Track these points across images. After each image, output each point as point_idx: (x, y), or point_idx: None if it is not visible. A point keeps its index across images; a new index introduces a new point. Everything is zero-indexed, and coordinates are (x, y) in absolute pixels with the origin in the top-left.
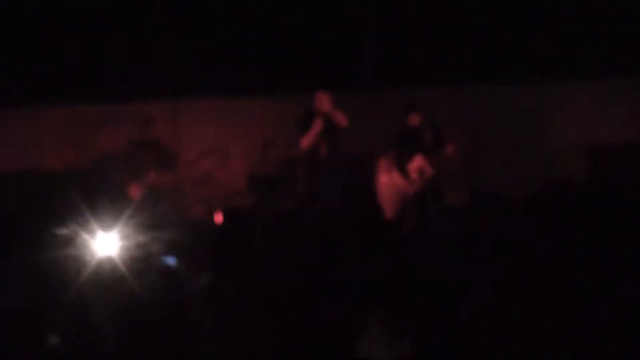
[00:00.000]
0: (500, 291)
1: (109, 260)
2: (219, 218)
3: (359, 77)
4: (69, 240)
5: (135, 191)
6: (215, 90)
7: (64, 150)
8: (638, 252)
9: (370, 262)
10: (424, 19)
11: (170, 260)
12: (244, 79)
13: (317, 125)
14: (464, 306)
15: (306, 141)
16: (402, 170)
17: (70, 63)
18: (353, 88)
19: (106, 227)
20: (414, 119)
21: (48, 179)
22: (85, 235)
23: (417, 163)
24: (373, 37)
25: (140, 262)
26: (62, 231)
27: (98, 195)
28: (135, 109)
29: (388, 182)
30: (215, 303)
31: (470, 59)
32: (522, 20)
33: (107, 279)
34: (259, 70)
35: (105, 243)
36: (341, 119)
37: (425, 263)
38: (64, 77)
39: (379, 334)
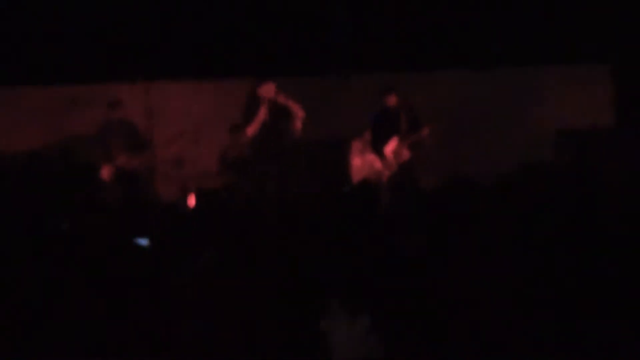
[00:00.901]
0: (473, 274)
1: (82, 241)
2: (191, 200)
3: (333, 61)
4: (41, 222)
5: (106, 173)
6: (187, 72)
7: (35, 131)
8: (608, 235)
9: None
10: (397, 2)
11: (142, 242)
12: (217, 61)
13: (262, 114)
14: (437, 289)
15: (251, 129)
16: (378, 152)
17: (42, 44)
18: (326, 72)
19: (77, 209)
20: (390, 102)
21: (18, 160)
22: (57, 218)
23: (392, 146)
24: (346, 21)
25: (113, 243)
26: (33, 213)
27: (69, 177)
28: (107, 91)
29: (362, 164)
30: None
31: (445, 43)
32: (497, 4)
33: (81, 260)
34: (232, 53)
35: (78, 225)
36: (294, 107)
37: (399, 245)
38: (36, 57)
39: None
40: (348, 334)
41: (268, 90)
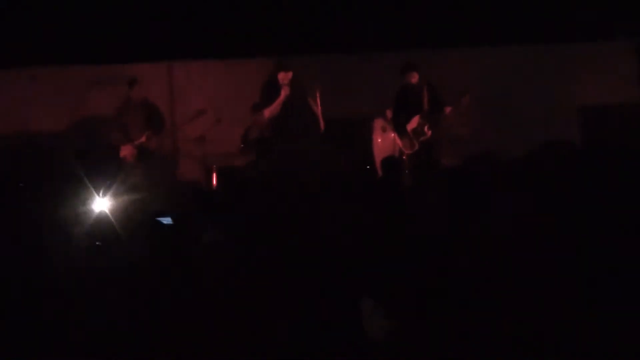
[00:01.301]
0: (493, 253)
1: (105, 220)
2: (213, 179)
3: (353, 39)
4: (64, 201)
5: (127, 152)
6: (210, 52)
7: (57, 111)
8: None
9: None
10: None
11: (166, 220)
12: (239, 40)
13: (280, 96)
14: (459, 268)
15: (268, 111)
16: (399, 130)
17: (64, 23)
18: (347, 51)
19: (100, 188)
20: (412, 79)
21: (41, 140)
22: (79, 196)
23: (414, 124)
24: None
25: (135, 222)
26: (56, 192)
27: (91, 156)
28: (128, 70)
29: (382, 142)
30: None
31: (465, 19)
32: None
33: (103, 239)
34: (254, 32)
35: (100, 203)
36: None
37: (421, 223)
38: (58, 37)
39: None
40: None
41: (285, 77)
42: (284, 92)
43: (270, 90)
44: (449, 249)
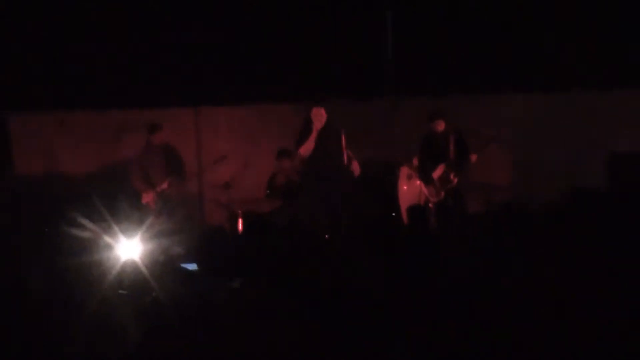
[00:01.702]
0: (522, 296)
1: (131, 264)
2: (239, 224)
3: (381, 86)
4: (92, 244)
5: (149, 199)
6: (237, 97)
7: (88, 155)
8: None
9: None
10: (443, 27)
11: (190, 266)
12: (266, 87)
13: (314, 135)
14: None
15: (303, 149)
16: (425, 177)
17: (94, 69)
18: (374, 97)
19: (127, 232)
20: (439, 127)
21: (72, 183)
22: (107, 240)
23: (440, 171)
24: (393, 47)
25: (161, 266)
26: (85, 235)
27: (119, 200)
28: (156, 115)
29: (408, 190)
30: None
31: (491, 67)
32: (534, 29)
33: (129, 283)
34: (281, 78)
35: (127, 248)
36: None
37: (447, 269)
38: (89, 82)
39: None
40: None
41: (318, 113)
42: (315, 127)
43: (306, 128)
44: (475, 296)
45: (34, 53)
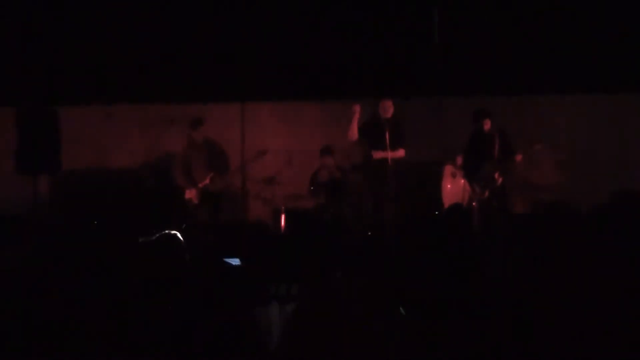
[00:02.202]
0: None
1: (175, 259)
2: (282, 220)
3: (426, 85)
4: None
5: (192, 195)
6: (284, 94)
7: (131, 148)
8: None
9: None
10: (490, 26)
11: (234, 262)
12: (312, 84)
13: (355, 119)
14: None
15: (351, 133)
16: (469, 177)
17: (143, 63)
18: (420, 95)
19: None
20: (485, 126)
21: (118, 177)
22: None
23: (485, 170)
24: (439, 46)
25: (204, 262)
26: (131, 229)
27: (164, 195)
28: (202, 110)
29: (452, 188)
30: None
31: (537, 68)
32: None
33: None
34: (327, 76)
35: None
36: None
37: (489, 269)
38: (137, 76)
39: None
40: None
41: (386, 108)
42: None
43: (372, 120)
44: (519, 297)
45: (81, 47)
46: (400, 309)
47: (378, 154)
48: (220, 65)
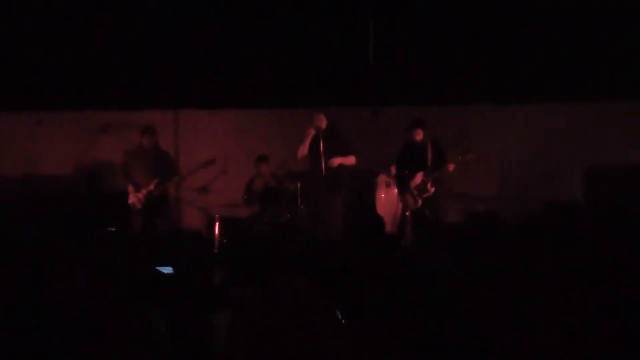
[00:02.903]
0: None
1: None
2: (216, 228)
3: (361, 94)
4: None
5: (135, 199)
6: (216, 101)
7: (62, 156)
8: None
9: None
10: (425, 37)
11: (166, 269)
12: (247, 92)
13: (309, 137)
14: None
15: (300, 151)
16: (403, 186)
17: (76, 69)
18: (355, 105)
19: (106, 231)
20: (417, 136)
21: (51, 183)
22: (86, 238)
23: (418, 180)
24: (374, 56)
25: (138, 269)
26: (63, 234)
27: (98, 200)
28: (135, 117)
29: (386, 197)
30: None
31: (469, 78)
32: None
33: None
34: (263, 85)
35: (107, 247)
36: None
37: (423, 279)
38: (70, 82)
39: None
40: None
41: (319, 119)
42: (310, 132)
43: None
44: (452, 306)
45: (12, 52)
46: (337, 312)
47: (316, 164)
48: (154, 72)
